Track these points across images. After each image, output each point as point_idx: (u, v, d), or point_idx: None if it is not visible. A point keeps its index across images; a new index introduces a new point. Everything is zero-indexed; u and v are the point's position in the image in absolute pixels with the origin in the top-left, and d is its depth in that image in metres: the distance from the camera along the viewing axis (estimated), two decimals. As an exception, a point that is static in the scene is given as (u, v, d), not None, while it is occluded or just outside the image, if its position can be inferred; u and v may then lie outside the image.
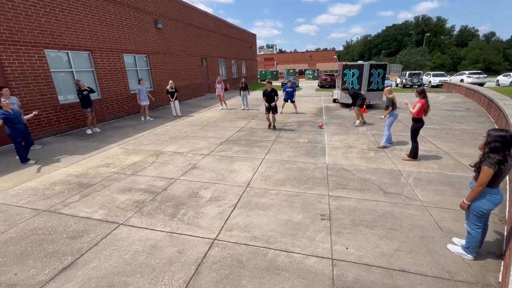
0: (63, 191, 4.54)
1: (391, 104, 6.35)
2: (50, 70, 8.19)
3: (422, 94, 5.38)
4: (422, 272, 2.63)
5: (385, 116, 6.51)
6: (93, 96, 9.74)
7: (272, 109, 8.38)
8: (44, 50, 7.98)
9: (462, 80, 21.10)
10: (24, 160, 5.90)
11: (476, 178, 2.66)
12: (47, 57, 8.10)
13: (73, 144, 7.48)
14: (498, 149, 2.44)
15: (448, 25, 76.63)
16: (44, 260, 2.90)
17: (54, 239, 3.26)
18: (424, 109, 5.38)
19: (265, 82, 35.12)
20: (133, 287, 2.52)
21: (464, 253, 2.81)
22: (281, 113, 11.46)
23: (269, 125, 8.81)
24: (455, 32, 77.32)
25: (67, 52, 8.82)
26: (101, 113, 10.18)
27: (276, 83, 25.87)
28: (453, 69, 58.05)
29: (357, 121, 9.15)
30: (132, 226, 3.52)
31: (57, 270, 2.75)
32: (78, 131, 8.90)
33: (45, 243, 3.19)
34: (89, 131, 8.51)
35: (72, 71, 9.06)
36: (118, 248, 3.08)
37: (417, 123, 5.57)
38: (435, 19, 75.65)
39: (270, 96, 8.30)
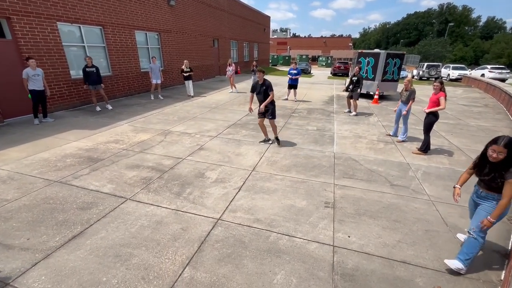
0: (74, 164, 4.66)
1: (414, 96, 6.10)
2: (63, 43, 8.19)
3: (443, 86, 5.21)
4: (423, 265, 2.63)
5: (407, 110, 6.05)
6: (104, 73, 9.79)
7: (265, 112, 5.53)
8: (57, 22, 7.94)
9: (483, 75, 20.14)
10: None
11: (490, 188, 2.41)
12: (60, 31, 8.07)
13: (84, 119, 7.59)
14: None
15: (474, 15, 72.45)
16: (55, 227, 3.03)
17: (65, 208, 3.38)
18: None
19: (277, 67, 34.19)
20: (138, 259, 2.61)
21: (463, 267, 2.52)
22: (285, 99, 11.30)
23: (265, 139, 5.96)
24: (480, 23, 73.20)
25: (79, 26, 8.77)
26: (112, 90, 10.23)
27: (284, 68, 21.77)
28: (475, 62, 55.39)
29: (354, 112, 9.01)
30: (138, 201, 3.61)
31: (67, 238, 2.87)
32: (88, 107, 9.00)
33: (56, 212, 3.31)
34: (98, 108, 8.52)
35: (84, 46, 9.04)
36: (125, 221, 3.18)
37: (434, 117, 5.39)
38: (460, 8, 71.49)
39: (260, 92, 5.45)
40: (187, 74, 10.97)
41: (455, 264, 2.53)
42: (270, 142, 5.94)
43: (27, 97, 6.65)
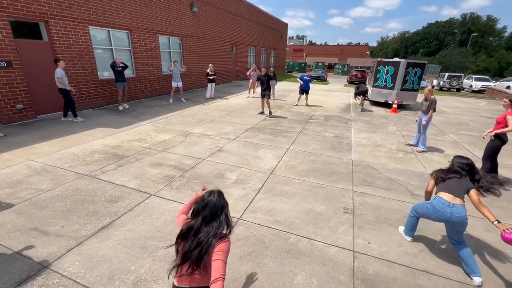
0: (101, 160, 4.90)
1: (435, 106, 6.00)
2: (93, 46, 8.66)
3: None
4: (447, 276, 2.59)
5: (426, 121, 6.00)
6: (128, 74, 10.22)
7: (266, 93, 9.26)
8: (89, 26, 8.42)
9: (508, 87, 19.34)
10: None
11: None
12: (91, 34, 8.55)
13: (108, 117, 7.95)
14: None
15: (499, 26, 69.79)
16: (86, 217, 3.21)
17: (94, 200, 3.57)
18: None
19: (292, 74, 34.91)
20: (164, 252, 2.72)
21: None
22: (296, 105, 11.43)
23: (262, 112, 9.48)
24: (506, 34, 70.38)
25: (108, 30, 9.25)
26: (134, 91, 10.65)
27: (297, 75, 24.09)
28: (499, 74, 53.16)
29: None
30: (162, 197, 3.75)
31: (97, 227, 3.04)
32: (112, 106, 9.41)
33: (87, 203, 3.51)
34: (120, 107, 9.01)
35: (112, 49, 9.51)
36: (150, 215, 3.32)
37: (501, 141, 4.62)
38: (485, 18, 69.17)
39: (264, 81, 9.22)
40: (212, 77, 11.44)
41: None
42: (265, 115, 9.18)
43: (57, 95, 7.05)
